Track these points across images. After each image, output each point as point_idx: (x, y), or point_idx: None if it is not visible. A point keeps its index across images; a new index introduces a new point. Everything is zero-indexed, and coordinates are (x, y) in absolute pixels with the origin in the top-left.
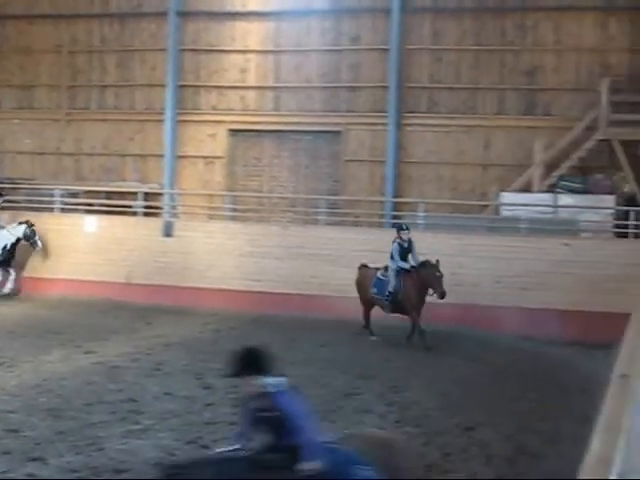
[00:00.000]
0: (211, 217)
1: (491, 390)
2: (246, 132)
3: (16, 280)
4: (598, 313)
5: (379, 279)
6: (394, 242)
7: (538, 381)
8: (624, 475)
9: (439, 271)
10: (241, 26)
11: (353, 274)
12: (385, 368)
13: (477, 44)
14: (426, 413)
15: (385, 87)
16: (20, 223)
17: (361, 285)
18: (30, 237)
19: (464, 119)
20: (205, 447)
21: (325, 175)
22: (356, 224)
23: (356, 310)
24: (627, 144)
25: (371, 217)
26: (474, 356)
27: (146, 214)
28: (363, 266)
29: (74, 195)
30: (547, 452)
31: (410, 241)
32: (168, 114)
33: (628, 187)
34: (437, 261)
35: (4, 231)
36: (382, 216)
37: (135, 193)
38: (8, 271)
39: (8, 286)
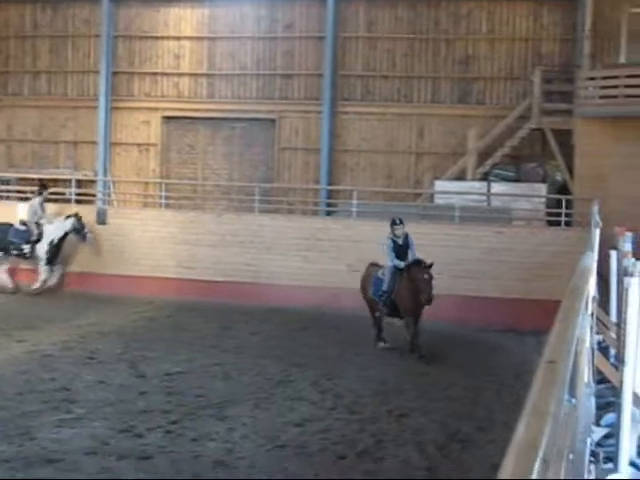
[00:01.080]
0: (145, 205)
1: (425, 377)
2: (180, 119)
3: (61, 276)
4: (530, 300)
5: (378, 278)
6: (388, 238)
7: (472, 368)
8: (549, 459)
9: (428, 273)
10: (175, 12)
11: (287, 262)
12: (318, 356)
13: (411, 33)
14: (359, 400)
15: (320, 75)
16: (67, 217)
17: (363, 283)
18: (79, 230)
19: (398, 107)
20: (139, 435)
21: (259, 163)
22: (290, 212)
23: (289, 298)
24: (559, 133)
25: (305, 205)
26: (406, 343)
27: (79, 201)
28: (372, 264)
29: (6, 182)
30: (479, 438)
31: (407, 237)
32: (101, 101)
33: (560, 176)
34: (431, 264)
35: (51, 226)
36: (316, 204)
37: (68, 180)
38: (52, 267)
39: (52, 280)
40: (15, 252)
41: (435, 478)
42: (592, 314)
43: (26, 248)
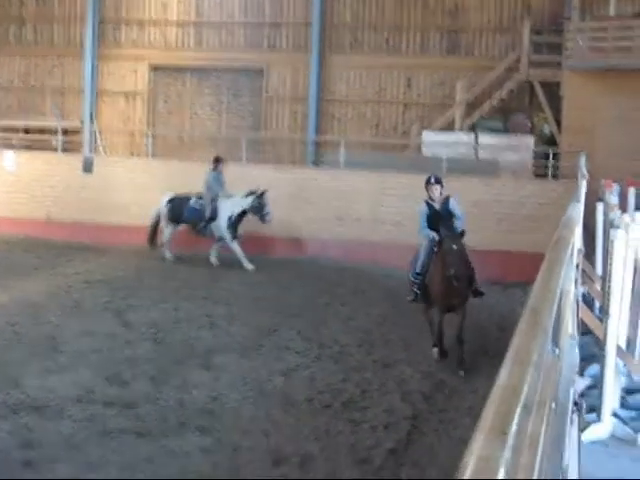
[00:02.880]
0: (132, 154)
1: (410, 328)
2: (167, 68)
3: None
4: (517, 253)
5: (416, 255)
6: (422, 201)
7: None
8: (530, 405)
9: (457, 243)
10: None
11: (275, 212)
12: (305, 306)
13: None
14: (345, 350)
15: (308, 24)
16: (249, 193)
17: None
18: (259, 209)
19: (387, 58)
20: (125, 383)
21: (247, 112)
22: (278, 162)
23: (277, 248)
24: (547, 85)
25: (293, 155)
26: (394, 294)
27: (66, 150)
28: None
29: None
30: (463, 388)
31: (447, 201)
32: (88, 49)
33: (547, 128)
34: (461, 232)
35: (228, 202)
36: (304, 154)
37: (54, 128)
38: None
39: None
40: (193, 231)
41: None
42: (577, 266)
43: (200, 225)
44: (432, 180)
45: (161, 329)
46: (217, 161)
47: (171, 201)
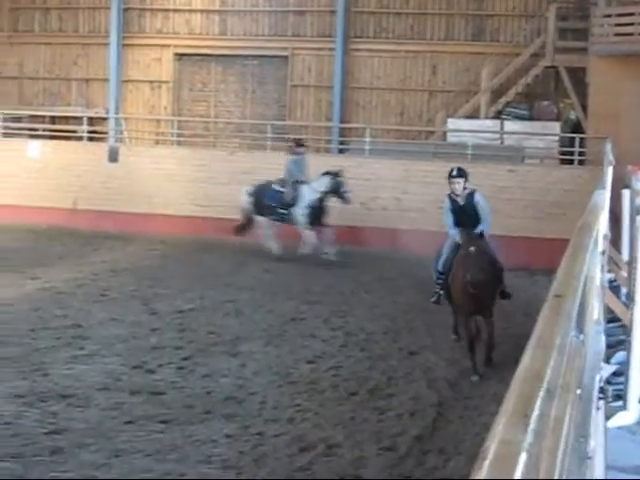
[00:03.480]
0: (157, 142)
1: (436, 315)
2: (192, 56)
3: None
4: (542, 239)
5: (439, 252)
6: (445, 196)
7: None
8: (554, 390)
9: (477, 244)
10: None
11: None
12: (329, 293)
13: None
14: (370, 338)
15: (333, 11)
16: (325, 173)
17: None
18: (336, 189)
19: (411, 45)
20: (151, 371)
21: (272, 100)
22: None
23: (300, 236)
24: (573, 71)
25: (318, 143)
26: (420, 281)
27: (91, 139)
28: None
29: (17, 119)
30: (489, 376)
31: (472, 195)
32: (113, 37)
33: (573, 114)
34: (480, 233)
35: (307, 187)
36: (329, 142)
37: (80, 118)
38: (321, 230)
39: (322, 245)
40: (272, 216)
41: (444, 418)
42: (603, 252)
43: (283, 212)
44: (454, 173)
45: (187, 317)
46: (297, 145)
47: (252, 193)
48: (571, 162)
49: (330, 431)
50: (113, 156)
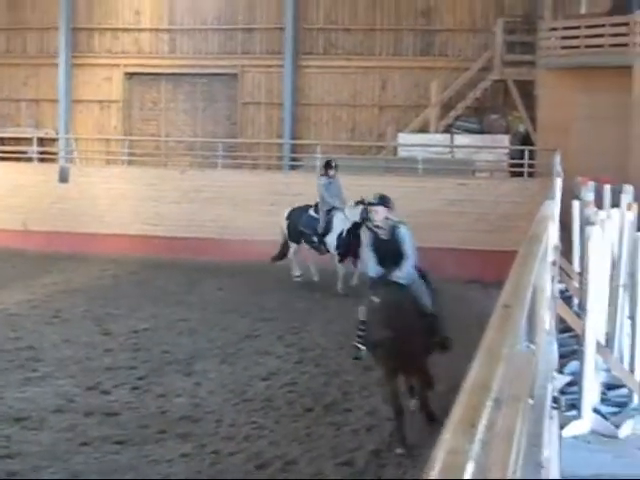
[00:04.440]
0: (108, 162)
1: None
2: (142, 75)
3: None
4: (493, 251)
5: None
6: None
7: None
8: (501, 400)
9: (380, 292)
10: None
11: (251, 217)
12: (284, 310)
13: None
14: (325, 353)
15: (281, 28)
16: (357, 203)
17: None
18: (369, 220)
19: (361, 60)
20: (105, 392)
21: (222, 118)
22: (254, 167)
23: (255, 252)
24: (521, 84)
25: (269, 160)
26: (372, 298)
27: (42, 160)
28: None
29: None
30: (442, 388)
31: (394, 230)
32: (62, 58)
33: (522, 127)
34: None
35: (341, 214)
36: (280, 158)
37: (30, 139)
38: (354, 262)
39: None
40: (307, 244)
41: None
42: (554, 263)
43: (315, 240)
44: (373, 200)
45: (140, 337)
46: (327, 166)
47: (289, 216)
48: (521, 174)
49: (286, 447)
50: (64, 177)
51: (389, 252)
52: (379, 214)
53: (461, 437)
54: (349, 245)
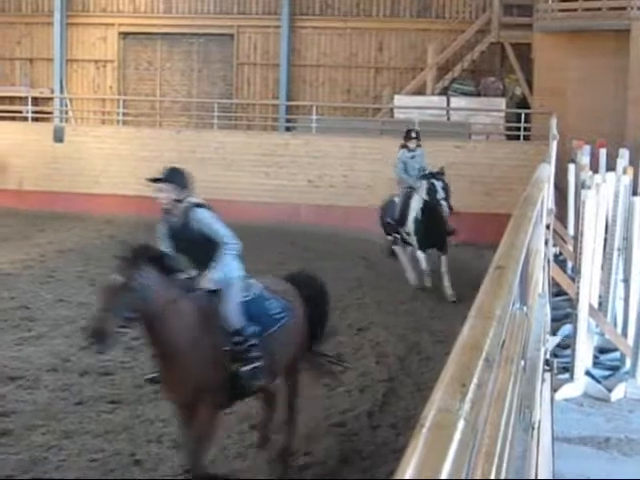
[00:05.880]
0: (103, 122)
1: (384, 291)
2: (137, 35)
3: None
4: (489, 214)
5: None
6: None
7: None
8: (492, 360)
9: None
10: None
11: (247, 178)
12: (277, 271)
13: None
14: None
15: None
16: (424, 176)
17: None
18: (432, 196)
19: (357, 21)
20: (99, 352)
21: (218, 79)
22: (250, 128)
23: (249, 214)
24: (518, 47)
25: (265, 121)
26: (367, 258)
27: (36, 119)
28: None
29: None
30: (437, 350)
31: (190, 212)
32: (56, 17)
33: (519, 90)
34: None
35: (417, 195)
36: (276, 119)
37: (24, 98)
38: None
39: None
40: (392, 237)
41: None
42: (548, 226)
43: (397, 230)
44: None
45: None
46: (407, 137)
47: (382, 205)
48: (517, 138)
49: (279, 409)
50: (58, 136)
51: (193, 244)
52: (165, 194)
53: (452, 396)
54: (425, 232)
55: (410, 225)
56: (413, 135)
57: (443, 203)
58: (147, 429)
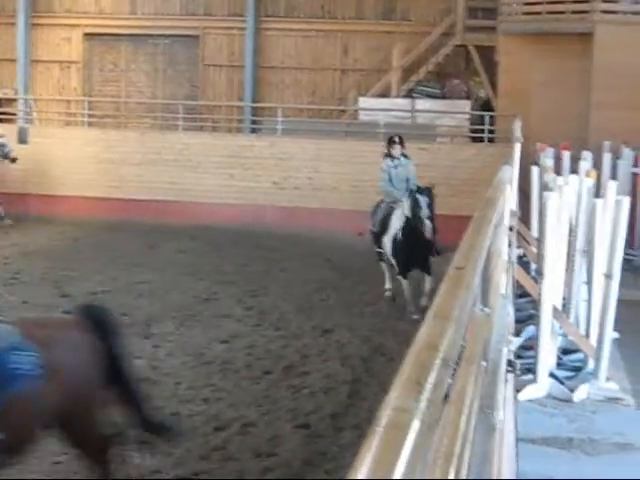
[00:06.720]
0: (68, 123)
1: (350, 293)
2: (102, 36)
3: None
4: (453, 216)
5: None
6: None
7: (396, 283)
8: (450, 360)
9: None
10: None
11: (212, 180)
12: (244, 273)
13: None
14: (284, 316)
15: None
16: (411, 192)
17: None
18: (415, 214)
19: (322, 24)
20: None
21: (183, 80)
22: (215, 130)
23: (215, 215)
24: (483, 50)
25: (230, 122)
26: (331, 260)
27: (0, 120)
28: None
29: None
30: (402, 352)
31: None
32: (20, 17)
33: (483, 92)
34: None
35: (400, 209)
36: (241, 121)
37: None
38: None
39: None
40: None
41: (358, 395)
42: (512, 228)
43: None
44: None
45: (99, 299)
46: (390, 143)
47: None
48: (481, 140)
49: (245, 410)
50: (23, 138)
51: None
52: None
53: (407, 395)
54: (405, 251)
55: (388, 244)
56: (396, 140)
57: (426, 222)
58: (112, 430)
